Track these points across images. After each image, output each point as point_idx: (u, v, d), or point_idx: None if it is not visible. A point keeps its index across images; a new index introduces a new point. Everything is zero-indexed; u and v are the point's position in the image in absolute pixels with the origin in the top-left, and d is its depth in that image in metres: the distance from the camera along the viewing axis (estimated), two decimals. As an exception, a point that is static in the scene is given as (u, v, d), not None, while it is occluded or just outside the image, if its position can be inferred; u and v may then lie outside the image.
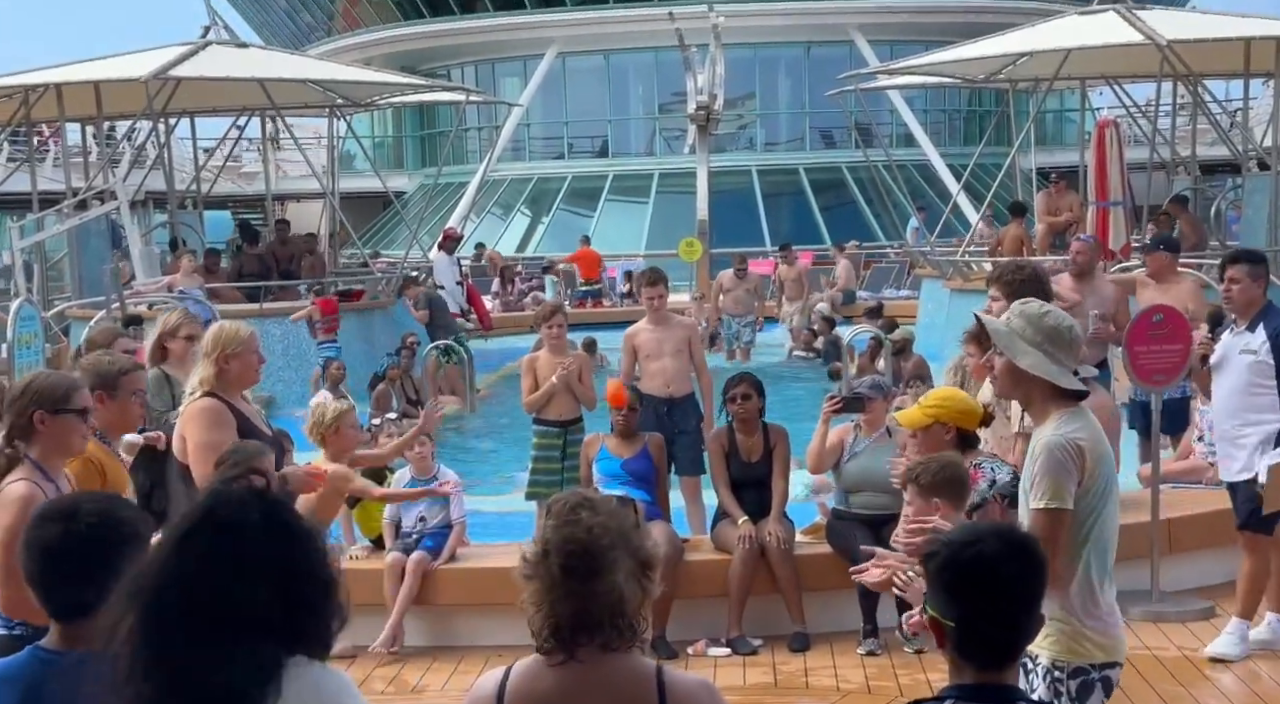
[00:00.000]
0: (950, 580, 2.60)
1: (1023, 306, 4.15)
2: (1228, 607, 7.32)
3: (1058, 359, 3.98)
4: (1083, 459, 3.86)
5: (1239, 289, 6.69)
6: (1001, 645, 2.58)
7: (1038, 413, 4.03)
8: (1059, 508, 3.82)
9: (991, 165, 26.06)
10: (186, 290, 14.38)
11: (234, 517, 2.25)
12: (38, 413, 4.27)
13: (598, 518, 2.71)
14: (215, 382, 5.67)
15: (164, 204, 21.31)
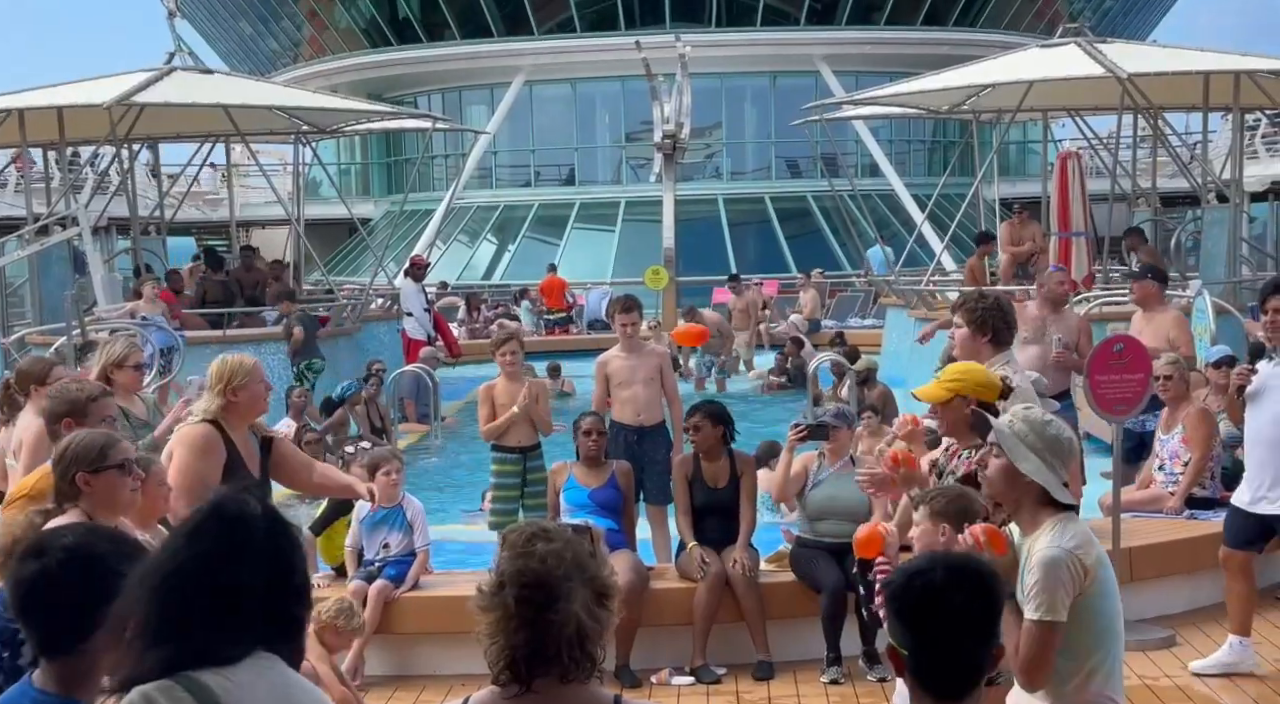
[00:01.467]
0: (900, 609, 2.61)
1: (1026, 412, 4.17)
2: (1188, 635, 7.37)
3: (1054, 468, 4.01)
4: (1084, 572, 3.89)
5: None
6: (955, 674, 2.58)
7: (1026, 518, 4.04)
8: (1053, 620, 3.86)
9: (955, 195, 26.27)
10: (149, 317, 14.29)
11: (241, 510, 2.46)
12: (80, 474, 4.21)
13: (553, 548, 2.70)
14: (220, 413, 5.66)
15: (127, 230, 21.19)
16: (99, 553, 2.79)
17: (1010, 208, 20.21)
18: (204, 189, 31.36)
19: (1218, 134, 24.27)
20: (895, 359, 17.84)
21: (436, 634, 7.33)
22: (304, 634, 2.59)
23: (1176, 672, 6.99)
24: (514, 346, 9.12)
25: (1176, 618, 7.62)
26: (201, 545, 2.44)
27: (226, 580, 2.40)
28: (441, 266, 30.21)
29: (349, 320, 18.85)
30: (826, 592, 7.24)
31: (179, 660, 2.40)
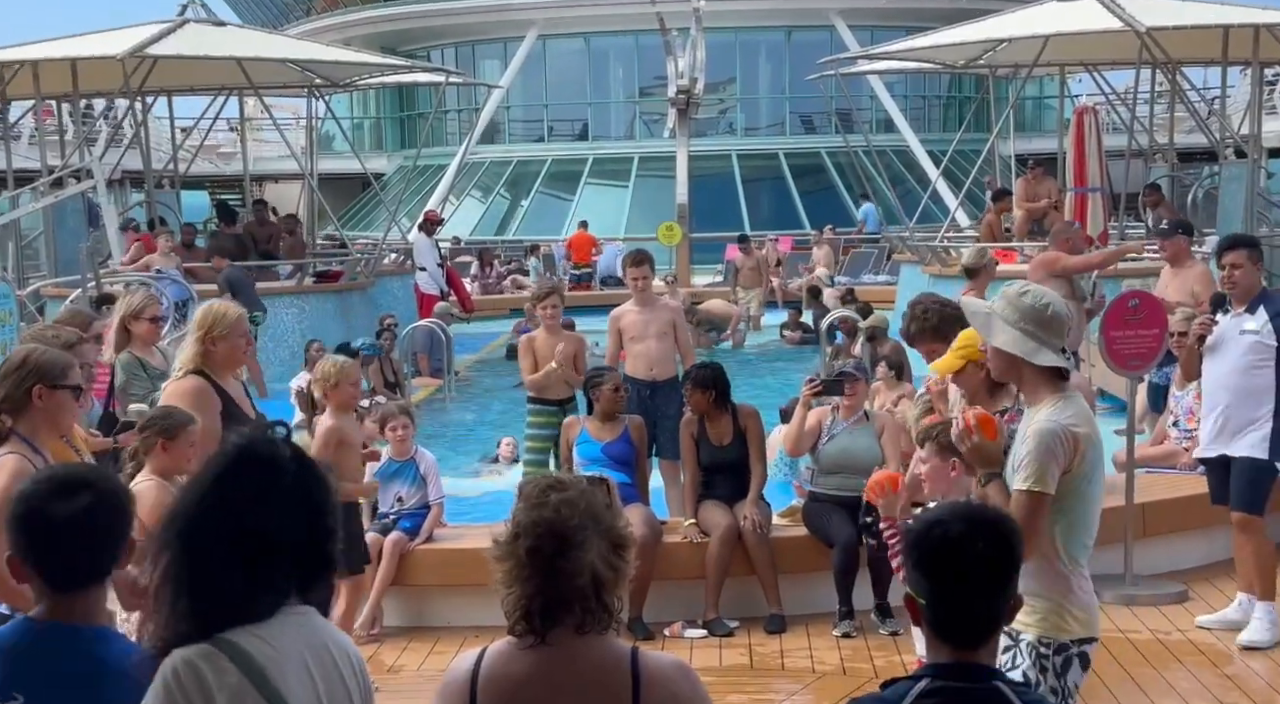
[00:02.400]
0: (918, 558, 2.62)
1: (1005, 289, 4.20)
2: (1200, 590, 7.38)
3: (1037, 337, 4.02)
4: (1075, 446, 3.93)
5: (1241, 274, 6.75)
6: (972, 624, 2.59)
7: (1030, 395, 4.10)
8: (1041, 492, 3.88)
9: (971, 151, 26.11)
10: (164, 270, 14.31)
11: (271, 453, 2.43)
12: (37, 387, 4.27)
13: (567, 498, 2.71)
14: (202, 361, 5.65)
15: (141, 183, 21.19)
16: (119, 487, 2.83)
17: (1025, 164, 20.07)
18: (217, 143, 31.28)
19: (1236, 89, 24.02)
20: (908, 315, 17.77)
21: (451, 586, 7.37)
22: (334, 573, 2.58)
23: (1188, 626, 7.01)
24: (555, 300, 9.14)
25: (1189, 573, 7.64)
26: (231, 489, 2.42)
27: (257, 525, 2.38)
28: (455, 222, 30.16)
29: (362, 275, 18.86)
30: (839, 546, 7.27)
31: (213, 619, 2.39)
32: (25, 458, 4.18)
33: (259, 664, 2.38)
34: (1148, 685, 6.29)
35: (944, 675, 2.56)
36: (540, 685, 2.67)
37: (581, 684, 2.67)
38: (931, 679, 2.56)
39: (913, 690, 2.55)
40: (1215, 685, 6.30)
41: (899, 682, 2.59)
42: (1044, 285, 7.36)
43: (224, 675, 2.36)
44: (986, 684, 2.55)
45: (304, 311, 17.02)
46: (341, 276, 18.46)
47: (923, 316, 5.58)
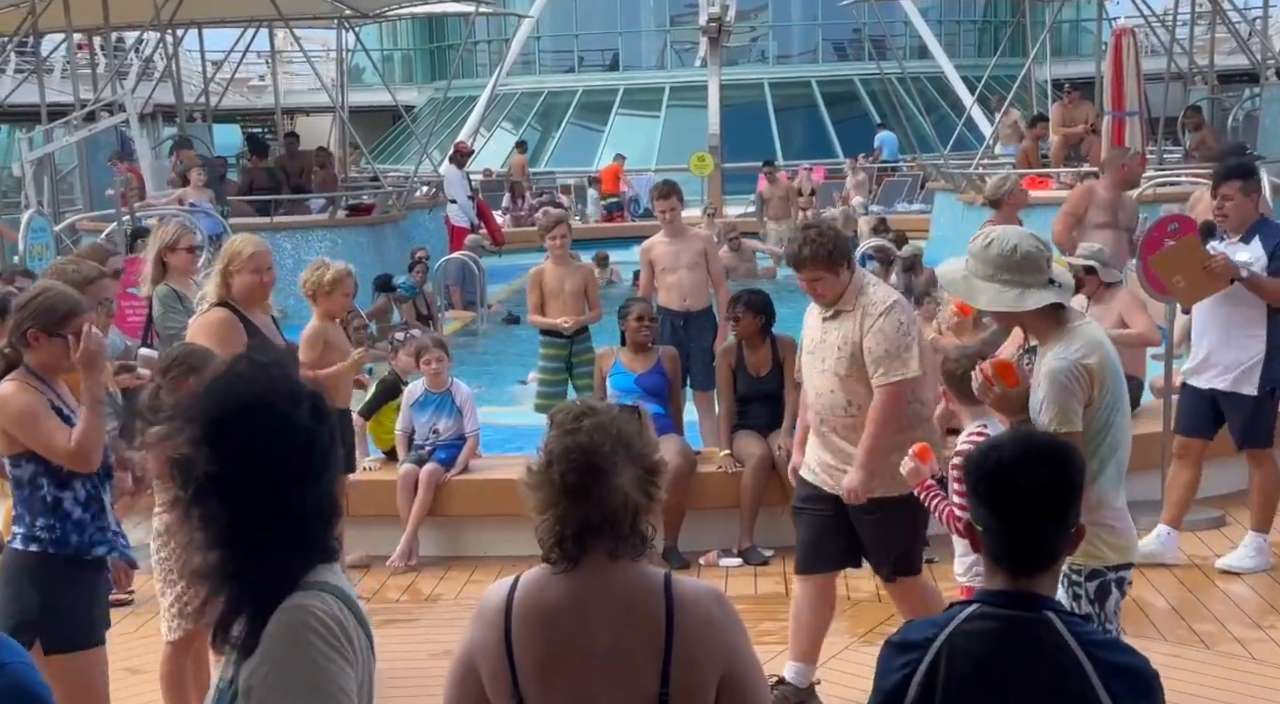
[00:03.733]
0: (975, 485, 2.59)
1: (971, 244, 4.13)
2: (1237, 515, 7.35)
3: (1016, 283, 3.97)
4: (1090, 379, 3.90)
5: (1233, 206, 6.65)
6: (1027, 552, 2.56)
7: (1040, 334, 4.06)
8: (1069, 431, 3.86)
9: (1006, 77, 25.73)
10: (197, 204, 14.33)
11: (290, 392, 2.32)
12: (32, 330, 4.30)
13: (599, 424, 2.70)
14: (219, 294, 5.65)
15: (173, 117, 21.18)
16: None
17: (1062, 88, 19.80)
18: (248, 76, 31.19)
19: (1278, 8, 23.58)
20: (943, 244, 17.65)
21: (486, 517, 7.42)
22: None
23: (1225, 551, 6.98)
24: (563, 230, 9.11)
25: (1226, 499, 7.60)
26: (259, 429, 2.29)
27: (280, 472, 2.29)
28: (485, 154, 30.06)
29: (394, 208, 18.84)
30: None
31: (298, 563, 2.32)
32: (29, 386, 4.26)
33: (351, 596, 2.37)
34: (1185, 611, 6.28)
35: (996, 603, 2.54)
36: (574, 610, 2.69)
37: (615, 608, 2.68)
38: (982, 605, 2.55)
39: (962, 614, 2.55)
40: (1253, 610, 6.29)
41: (955, 605, 2.60)
42: (1087, 215, 7.27)
43: (342, 611, 2.32)
44: (1037, 614, 2.53)
45: (336, 245, 17.03)
46: (374, 210, 18.45)
47: (817, 240, 5.20)
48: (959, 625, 2.53)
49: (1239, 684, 5.49)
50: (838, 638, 6.17)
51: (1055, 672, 2.47)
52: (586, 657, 2.67)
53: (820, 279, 5.15)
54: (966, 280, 4.05)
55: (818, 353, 5.24)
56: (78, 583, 4.32)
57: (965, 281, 4.05)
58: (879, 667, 2.59)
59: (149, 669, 5.46)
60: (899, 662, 2.54)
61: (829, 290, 5.15)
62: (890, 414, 5.09)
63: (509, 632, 2.70)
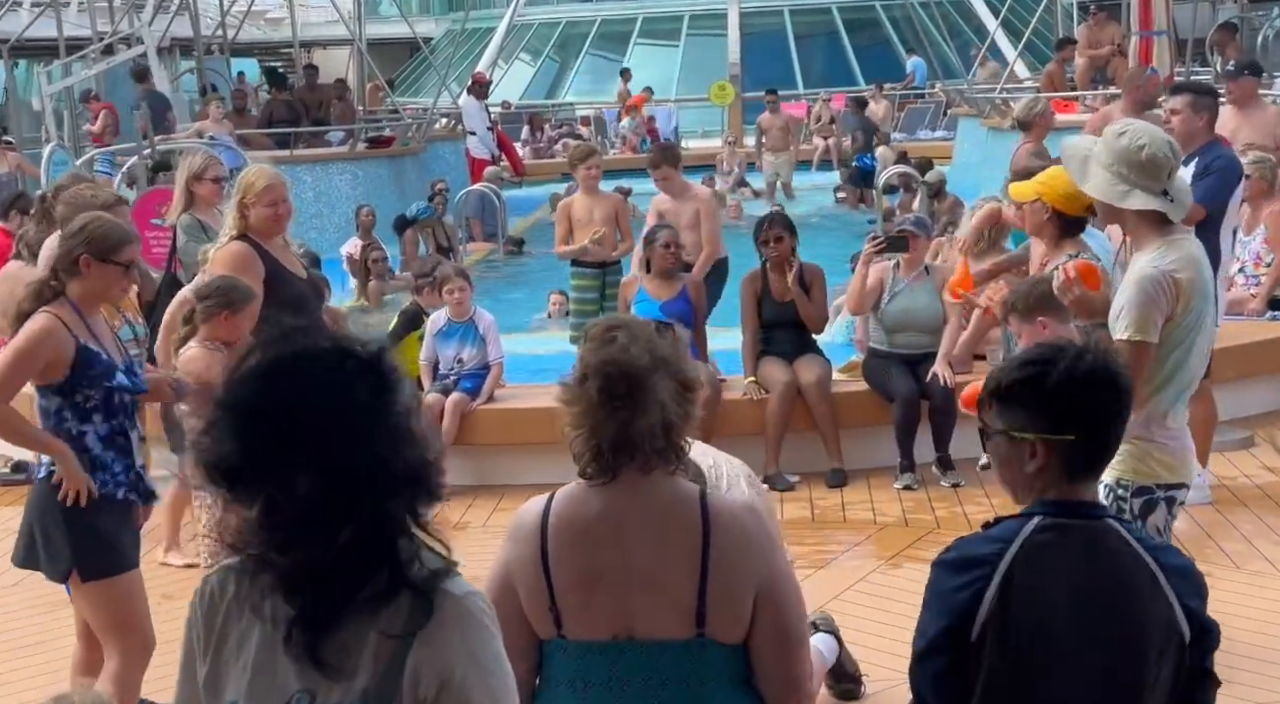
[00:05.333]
0: (1031, 398, 2.52)
1: (1107, 130, 4.06)
2: (1268, 434, 7.33)
3: (1129, 180, 3.88)
4: (1177, 292, 3.83)
5: (1180, 121, 6.52)
6: (1084, 461, 2.52)
7: (1135, 239, 3.98)
8: (1143, 340, 3.81)
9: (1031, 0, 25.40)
10: (217, 137, 14.29)
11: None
12: (84, 257, 4.32)
13: (634, 339, 2.68)
14: (237, 227, 5.63)
15: (190, 51, 21.07)
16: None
17: (1087, 10, 19.50)
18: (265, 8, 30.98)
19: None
20: (966, 170, 17.49)
21: (513, 445, 7.44)
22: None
23: (1255, 471, 6.97)
24: (596, 161, 9.08)
25: (1255, 419, 7.58)
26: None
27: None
28: (504, 86, 29.84)
29: (414, 140, 18.75)
30: (900, 399, 7.24)
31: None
32: (60, 320, 4.26)
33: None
34: (1214, 530, 6.28)
35: (1057, 512, 2.49)
36: (611, 524, 2.68)
37: (652, 523, 2.68)
38: (1045, 515, 2.50)
39: (1028, 526, 2.48)
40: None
41: (1009, 519, 2.52)
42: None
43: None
44: (1101, 521, 2.51)
45: (357, 177, 17.00)
46: (393, 142, 18.37)
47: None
48: (1028, 537, 2.46)
49: (1269, 602, 5.49)
50: (864, 562, 6.20)
51: (1130, 576, 2.45)
52: (624, 571, 2.67)
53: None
54: (1086, 161, 3.96)
55: None
56: (103, 512, 4.35)
57: (1084, 162, 3.97)
58: (935, 587, 2.47)
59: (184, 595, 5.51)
60: (962, 580, 2.44)
61: None
62: None
63: (545, 547, 2.70)
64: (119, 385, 4.37)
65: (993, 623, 2.40)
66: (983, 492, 6.80)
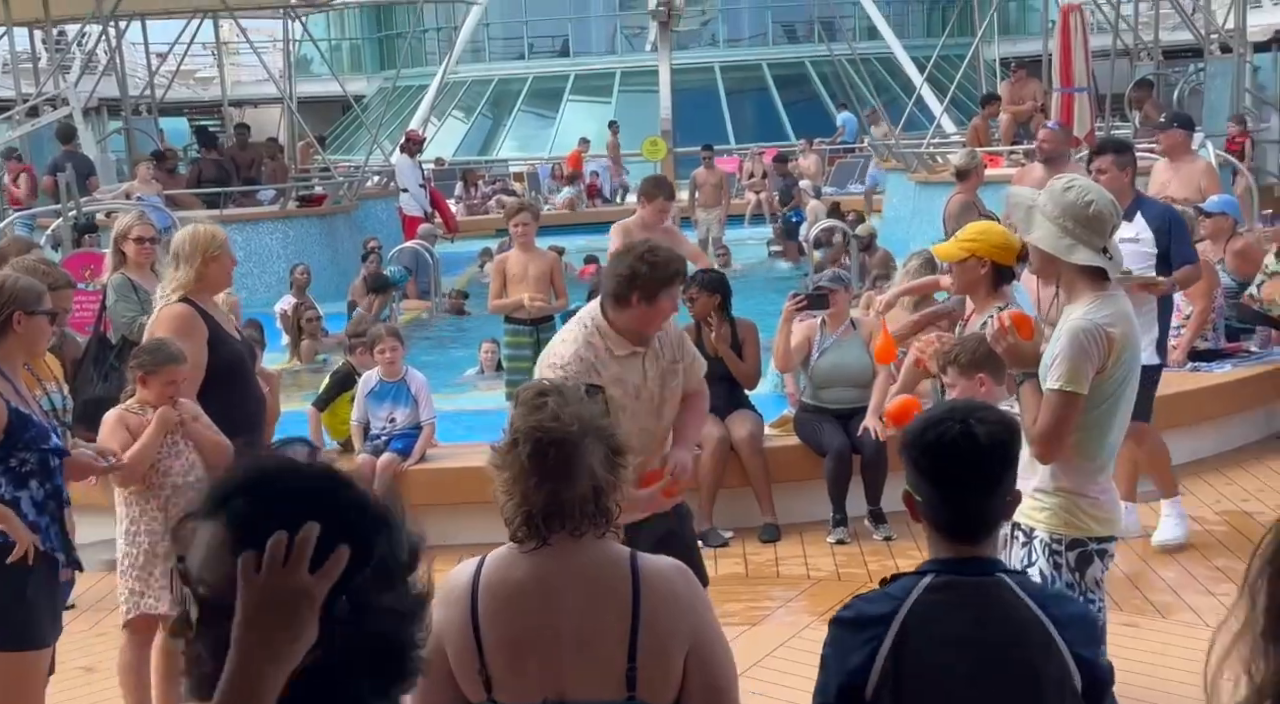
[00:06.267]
0: (916, 456, 2.61)
1: (1052, 182, 4.13)
2: (1191, 486, 7.44)
3: (1074, 234, 3.95)
4: (1109, 346, 3.89)
5: (1107, 179, 6.65)
6: (970, 520, 2.59)
7: (1069, 291, 4.04)
8: (1073, 391, 3.86)
9: (955, 56, 25.84)
10: (144, 197, 14.18)
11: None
12: (16, 313, 4.30)
13: (565, 404, 2.70)
14: (192, 285, 5.60)
15: (118, 111, 20.93)
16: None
17: (1009, 67, 19.91)
18: (194, 68, 30.88)
19: (1222, -15, 23.80)
20: (896, 224, 17.73)
21: (445, 505, 7.38)
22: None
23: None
24: (527, 217, 9.09)
25: (1178, 469, 7.67)
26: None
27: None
28: (437, 143, 29.89)
29: (346, 198, 18.71)
30: (831, 453, 7.29)
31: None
32: None
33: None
34: (1140, 580, 6.35)
35: (949, 570, 2.56)
36: (541, 587, 2.68)
37: (582, 586, 2.68)
38: (937, 573, 2.56)
39: (920, 584, 2.55)
40: (1205, 578, 6.36)
41: (903, 577, 2.59)
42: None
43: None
44: (991, 576, 2.56)
45: (288, 236, 16.91)
46: (325, 200, 18.32)
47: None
48: (920, 596, 2.53)
49: (1195, 652, 5.55)
50: (797, 617, 6.20)
51: (1019, 630, 2.50)
52: (554, 635, 2.67)
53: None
54: (1030, 212, 4.02)
55: None
56: (34, 577, 4.28)
57: (1029, 212, 4.03)
58: (833, 646, 2.55)
59: (104, 668, 5.42)
60: (858, 639, 2.52)
61: None
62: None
63: (475, 611, 2.69)
64: (55, 448, 4.33)
65: (887, 681, 2.46)
66: (915, 544, 6.84)
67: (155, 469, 5.09)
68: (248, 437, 5.75)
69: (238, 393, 5.64)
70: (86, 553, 4.92)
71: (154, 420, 5.07)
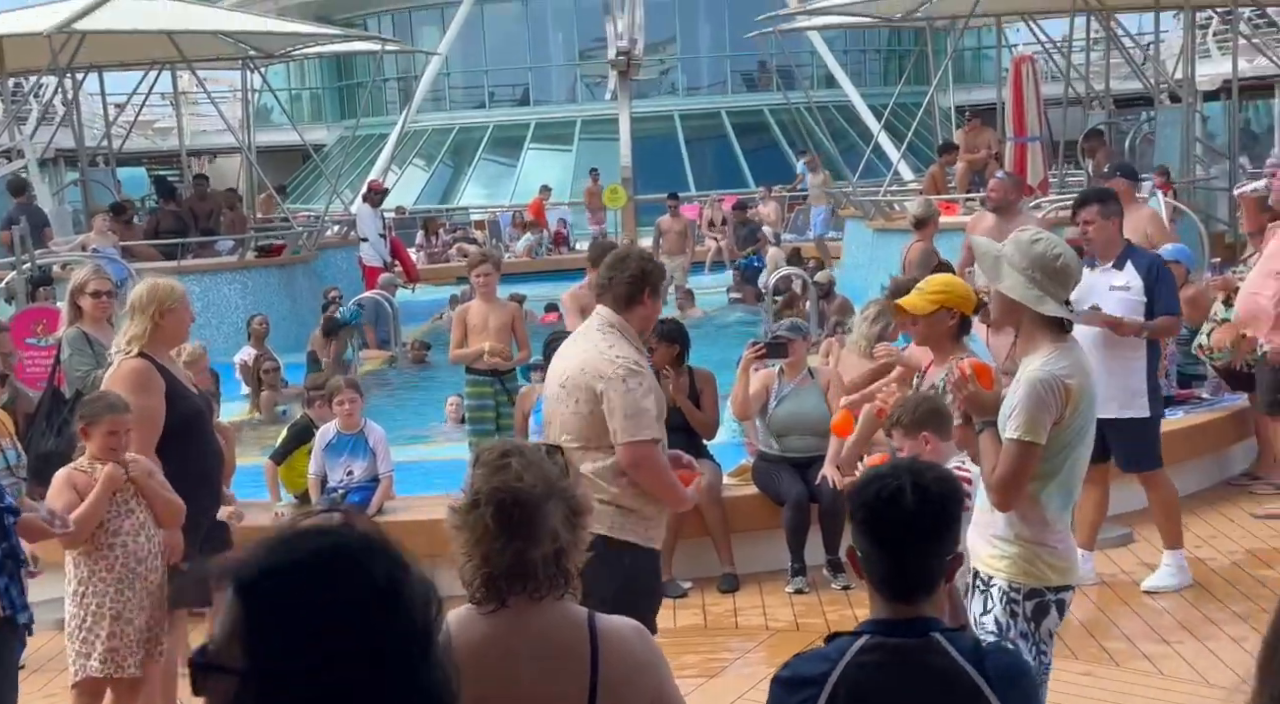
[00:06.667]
0: (855, 514, 2.64)
1: (1017, 233, 4.19)
2: (1146, 533, 7.48)
3: (1041, 285, 4.00)
4: (1067, 397, 3.93)
5: (1095, 229, 6.75)
6: (908, 579, 2.61)
7: (1027, 341, 4.08)
8: (1031, 441, 3.90)
9: (911, 104, 26.09)
10: (101, 249, 14.12)
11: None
12: None
13: (528, 466, 2.70)
14: (147, 339, 5.58)
15: (75, 162, 20.85)
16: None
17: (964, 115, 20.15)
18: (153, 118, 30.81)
19: (1169, 34, 24.20)
20: (855, 270, 17.86)
21: (403, 558, 7.34)
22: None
23: (1135, 568, 7.11)
24: (489, 268, 9.08)
25: (1134, 516, 7.74)
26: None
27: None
28: (398, 191, 29.91)
29: (305, 248, 18.69)
30: (790, 503, 7.30)
31: None
32: None
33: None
34: (1095, 628, 6.38)
35: (883, 631, 2.59)
36: (500, 649, 2.68)
37: (541, 648, 2.68)
38: (871, 635, 2.59)
39: (853, 647, 2.58)
40: (1161, 627, 6.39)
41: (841, 637, 2.62)
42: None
43: None
44: (925, 637, 2.58)
45: (246, 287, 16.86)
46: (284, 250, 18.28)
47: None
48: (852, 659, 2.56)
49: (1150, 701, 5.58)
50: (756, 669, 6.19)
51: (948, 690, 2.53)
52: (513, 697, 2.66)
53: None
54: (998, 261, 4.06)
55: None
56: None
57: (996, 260, 4.07)
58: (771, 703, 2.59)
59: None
60: (795, 699, 2.56)
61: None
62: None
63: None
64: (8, 507, 4.29)
65: None
66: (873, 594, 6.85)
67: (104, 529, 5.03)
68: (205, 491, 5.74)
69: (195, 447, 5.62)
70: (37, 612, 4.85)
71: (100, 479, 5.02)
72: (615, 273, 4.81)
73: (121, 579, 5.02)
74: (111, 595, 4.99)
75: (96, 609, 4.98)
